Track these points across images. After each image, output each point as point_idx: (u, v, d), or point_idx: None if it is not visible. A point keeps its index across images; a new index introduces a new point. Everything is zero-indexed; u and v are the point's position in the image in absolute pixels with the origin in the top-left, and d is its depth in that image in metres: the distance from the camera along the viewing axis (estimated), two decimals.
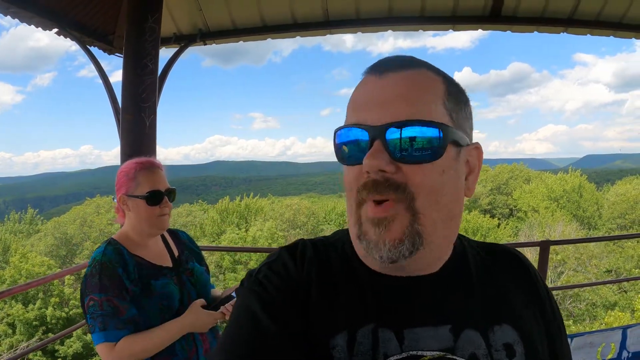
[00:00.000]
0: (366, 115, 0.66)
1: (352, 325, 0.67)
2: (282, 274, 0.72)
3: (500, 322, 0.70)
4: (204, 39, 4.22)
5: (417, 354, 0.65)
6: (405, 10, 3.81)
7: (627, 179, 42.16)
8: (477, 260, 0.78)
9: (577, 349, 3.10)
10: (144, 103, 3.30)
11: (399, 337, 0.66)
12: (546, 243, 3.22)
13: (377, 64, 0.71)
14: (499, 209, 41.42)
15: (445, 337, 0.67)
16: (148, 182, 1.68)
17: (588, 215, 35.31)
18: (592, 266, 24.46)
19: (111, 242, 1.66)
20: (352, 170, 0.68)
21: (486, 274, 0.76)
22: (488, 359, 0.67)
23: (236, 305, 0.71)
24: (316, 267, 0.73)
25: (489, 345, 0.67)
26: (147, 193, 1.66)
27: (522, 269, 0.81)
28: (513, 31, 4.05)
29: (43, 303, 22.75)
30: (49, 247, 30.08)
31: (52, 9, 3.60)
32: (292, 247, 0.77)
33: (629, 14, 3.86)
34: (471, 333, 0.68)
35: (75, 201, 71.51)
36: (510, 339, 0.69)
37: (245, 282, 0.74)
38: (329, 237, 0.82)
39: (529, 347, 0.70)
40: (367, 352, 0.65)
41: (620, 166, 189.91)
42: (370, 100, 0.66)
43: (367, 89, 0.68)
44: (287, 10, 3.91)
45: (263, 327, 0.64)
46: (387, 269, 0.70)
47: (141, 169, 1.70)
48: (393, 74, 0.67)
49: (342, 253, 0.76)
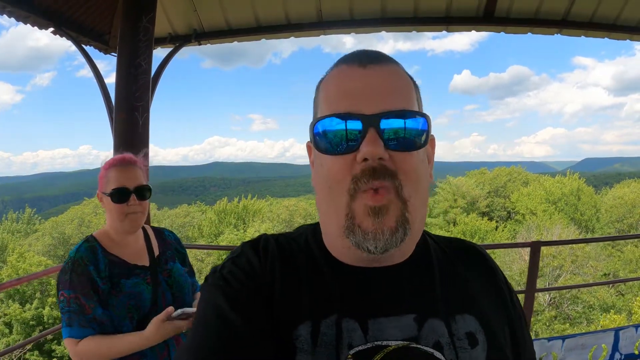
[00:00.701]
0: (357, 104, 0.66)
1: (316, 316, 0.67)
2: (246, 269, 0.71)
3: (462, 312, 0.71)
4: (198, 39, 4.24)
5: (382, 344, 0.65)
6: (398, 11, 3.83)
7: (625, 183, 42.12)
8: (439, 253, 0.79)
9: (568, 350, 3.10)
10: (138, 102, 3.32)
11: (364, 328, 0.67)
12: (537, 244, 3.23)
13: (354, 56, 0.71)
14: (497, 212, 41.40)
15: (410, 326, 0.68)
16: (116, 179, 1.66)
17: (586, 218, 35.29)
18: (590, 267, 24.46)
19: (89, 239, 1.67)
20: (340, 160, 0.67)
21: (448, 266, 0.77)
22: (451, 347, 0.67)
23: (201, 302, 0.70)
24: (279, 261, 0.73)
25: (451, 334, 0.68)
26: (112, 190, 1.65)
27: (483, 263, 0.83)
28: (507, 32, 4.07)
29: (40, 303, 22.69)
30: (47, 247, 30.03)
31: (48, 8, 3.61)
32: (255, 242, 0.77)
33: (623, 16, 3.89)
34: (435, 322, 0.69)
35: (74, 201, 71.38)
36: (472, 327, 0.70)
37: (209, 278, 0.73)
38: (292, 233, 0.82)
39: (490, 335, 0.71)
40: (331, 343, 0.65)
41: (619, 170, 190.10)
42: (359, 89, 0.67)
43: (351, 79, 0.68)
44: (281, 11, 3.92)
45: (230, 322, 0.64)
46: (363, 261, 0.71)
47: (112, 166, 1.69)
48: (376, 67, 0.69)
49: (306, 247, 0.77)
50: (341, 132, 0.66)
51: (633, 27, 4.02)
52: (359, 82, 0.67)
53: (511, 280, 19.46)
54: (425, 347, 0.66)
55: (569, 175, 38.98)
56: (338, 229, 0.68)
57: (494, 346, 0.70)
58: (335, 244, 0.73)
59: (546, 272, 24.33)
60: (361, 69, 0.68)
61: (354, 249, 0.67)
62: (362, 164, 0.65)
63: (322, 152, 0.69)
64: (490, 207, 41.75)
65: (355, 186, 0.65)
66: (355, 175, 0.65)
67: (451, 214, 38.57)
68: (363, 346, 0.65)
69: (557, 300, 23.68)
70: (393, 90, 0.68)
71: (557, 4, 3.82)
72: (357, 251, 0.67)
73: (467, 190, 40.62)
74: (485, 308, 0.74)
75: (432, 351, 0.66)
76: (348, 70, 0.70)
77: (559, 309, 23.54)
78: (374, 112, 0.65)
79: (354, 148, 0.65)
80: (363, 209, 0.65)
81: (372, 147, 0.63)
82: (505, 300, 0.79)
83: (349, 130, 0.65)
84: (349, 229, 0.66)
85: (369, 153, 0.64)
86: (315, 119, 0.70)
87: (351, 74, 0.69)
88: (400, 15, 3.82)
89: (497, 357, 0.70)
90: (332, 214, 0.70)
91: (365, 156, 0.64)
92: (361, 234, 0.66)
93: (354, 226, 0.66)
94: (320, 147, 0.69)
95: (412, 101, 0.69)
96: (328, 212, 0.71)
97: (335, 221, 0.69)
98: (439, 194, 39.87)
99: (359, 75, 0.68)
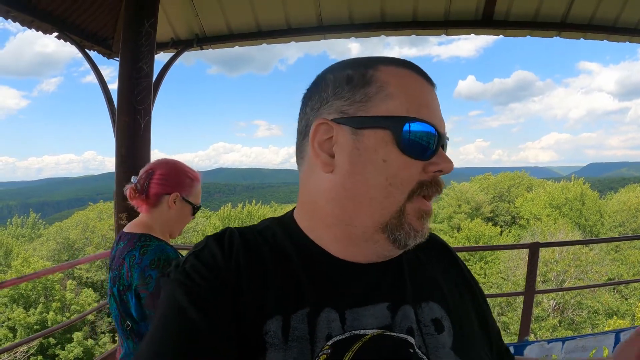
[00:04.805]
0: (434, 119, 0.71)
1: (285, 310, 0.66)
2: (210, 263, 0.69)
3: (427, 299, 0.74)
4: (200, 43, 4.28)
5: (360, 333, 0.67)
6: (398, 15, 3.85)
7: (630, 187, 41.84)
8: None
9: (568, 352, 3.09)
10: (139, 105, 3.36)
11: (342, 318, 0.67)
12: (535, 245, 3.23)
13: (417, 69, 0.75)
14: (501, 217, 41.22)
15: (384, 314, 0.70)
16: (198, 195, 1.77)
17: (590, 223, 35.08)
18: (594, 273, 24.28)
19: (161, 240, 1.64)
20: (415, 164, 0.70)
21: (413, 257, 0.80)
22: (419, 333, 0.70)
23: (162, 298, 0.68)
24: (245, 254, 0.71)
25: (418, 321, 0.71)
26: (198, 205, 1.75)
27: (447, 253, 0.88)
28: (505, 35, 4.08)
29: (44, 307, 22.77)
30: (51, 252, 30.12)
31: (52, 13, 3.67)
32: (220, 235, 0.75)
33: (622, 18, 3.90)
34: (406, 309, 0.71)
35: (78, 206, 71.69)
36: (438, 314, 0.73)
37: (171, 273, 0.71)
38: (257, 226, 0.80)
39: (456, 322, 0.74)
40: (303, 337, 0.65)
41: (624, 174, 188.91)
42: (432, 106, 0.72)
43: (425, 93, 0.73)
44: (282, 16, 3.96)
45: (191, 320, 0.62)
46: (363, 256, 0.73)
47: (198, 181, 1.76)
48: (434, 89, 0.75)
49: (272, 241, 0.76)
50: (424, 140, 0.69)
51: (632, 29, 4.03)
52: (432, 100, 0.73)
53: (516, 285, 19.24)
54: (399, 334, 0.68)
55: (573, 180, 38.79)
56: (377, 223, 0.70)
57: (459, 332, 0.73)
58: (359, 237, 0.72)
59: (550, 278, 24.19)
60: (431, 88, 0.74)
61: (386, 243, 0.70)
62: (435, 174, 0.71)
63: (402, 151, 0.69)
64: (494, 212, 41.56)
65: (419, 190, 0.70)
66: (423, 182, 0.70)
67: (455, 219, 38.41)
68: (341, 336, 0.66)
69: (561, 306, 23.51)
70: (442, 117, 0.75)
71: (556, 6, 3.84)
72: (387, 245, 0.71)
73: (471, 195, 40.49)
74: (450, 296, 0.78)
75: (406, 337, 0.68)
76: (423, 82, 0.74)
77: (563, 314, 23.36)
78: (443, 132, 0.72)
79: (427, 158, 0.70)
80: (417, 211, 0.70)
81: (450, 164, 0.71)
82: (471, 288, 0.84)
83: (430, 142, 0.70)
84: (396, 225, 0.69)
85: (448, 169, 0.71)
86: (407, 116, 0.69)
87: (427, 88, 0.73)
88: (399, 19, 3.84)
89: (463, 342, 0.72)
90: (373, 207, 0.70)
91: (443, 170, 0.71)
92: (411, 231, 0.70)
93: (404, 224, 0.69)
94: (404, 146, 0.69)
95: None
96: (372, 205, 0.70)
97: (377, 216, 0.70)
98: (443, 200, 39.69)
99: (431, 92, 0.74)
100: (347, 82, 0.73)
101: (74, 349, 21.76)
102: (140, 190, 1.67)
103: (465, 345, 0.72)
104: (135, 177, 1.72)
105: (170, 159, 1.77)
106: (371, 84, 0.72)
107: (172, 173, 1.70)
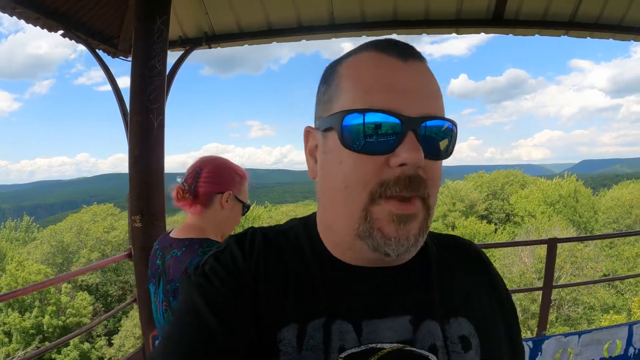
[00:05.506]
0: (397, 102, 0.60)
1: (302, 318, 0.64)
2: (229, 266, 0.68)
3: (456, 314, 0.69)
4: (209, 42, 4.24)
5: (377, 347, 0.63)
6: (410, 13, 3.86)
7: (623, 184, 42.23)
8: (436, 254, 0.76)
9: (584, 345, 3.13)
10: (152, 104, 3.32)
11: (357, 330, 0.63)
12: (553, 240, 3.26)
13: (390, 45, 0.65)
14: (496, 214, 41.49)
15: (405, 328, 0.65)
16: (247, 193, 1.71)
17: (584, 220, 35.41)
18: (589, 269, 24.51)
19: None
20: (369, 161, 0.61)
21: (445, 266, 0.74)
22: (444, 350, 0.64)
23: (181, 300, 0.67)
24: (265, 257, 0.69)
25: (445, 337, 0.66)
26: (248, 203, 1.70)
27: (480, 262, 0.80)
28: (515, 34, 4.10)
29: (40, 311, 22.54)
30: (45, 255, 29.80)
31: (58, 10, 3.62)
32: (241, 236, 0.73)
33: (628, 17, 3.94)
34: (431, 324, 0.66)
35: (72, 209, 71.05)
36: (466, 331, 0.68)
37: (191, 273, 0.70)
38: (282, 226, 0.77)
39: (485, 339, 0.68)
40: (318, 347, 0.62)
41: (617, 171, 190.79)
42: (400, 86, 0.61)
43: (390, 71, 0.62)
44: (293, 14, 3.94)
45: (206, 323, 0.61)
46: (368, 261, 0.68)
47: (246, 179, 1.70)
48: (416, 63, 0.64)
49: (295, 241, 0.73)
50: (377, 130, 0.60)
51: (637, 27, 4.07)
52: (399, 77, 0.62)
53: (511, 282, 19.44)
54: (420, 350, 0.64)
55: (566, 177, 39.13)
56: (350, 230, 0.64)
57: (487, 351, 0.68)
58: (343, 243, 0.68)
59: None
60: (402, 62, 0.63)
61: (368, 250, 0.64)
62: (397, 170, 0.60)
63: (347, 147, 0.62)
64: (488, 210, 41.84)
65: (382, 192, 0.61)
66: (384, 181, 0.61)
67: (450, 217, 38.63)
68: (356, 349, 0.62)
69: (557, 302, 23.71)
70: (432, 92, 0.64)
71: (564, 5, 3.86)
72: (370, 253, 0.64)
73: (465, 193, 40.72)
74: (480, 312, 0.71)
75: (427, 354, 0.63)
76: (387, 60, 0.63)
77: (559, 311, 23.56)
78: (414, 114, 0.60)
79: (388, 150, 0.60)
80: (387, 215, 0.61)
81: (414, 154, 0.59)
82: (502, 302, 0.77)
83: (386, 131, 0.60)
84: (365, 233, 0.63)
85: (411, 159, 0.59)
86: (345, 110, 0.62)
87: (390, 65, 0.63)
88: (411, 18, 3.85)
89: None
90: (343, 214, 0.65)
91: (405, 162, 0.59)
92: (382, 238, 0.62)
93: (372, 230, 0.62)
94: (347, 143, 0.62)
95: (443, 105, 0.66)
96: (338, 211, 0.66)
97: (347, 222, 0.65)
98: (438, 198, 39.74)
99: (399, 68, 0.62)
100: (322, 84, 0.70)
101: (70, 352, 21.58)
102: (189, 190, 1.59)
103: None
104: (181, 177, 1.63)
105: (216, 156, 1.70)
106: (332, 82, 0.67)
107: (221, 171, 1.63)
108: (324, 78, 0.70)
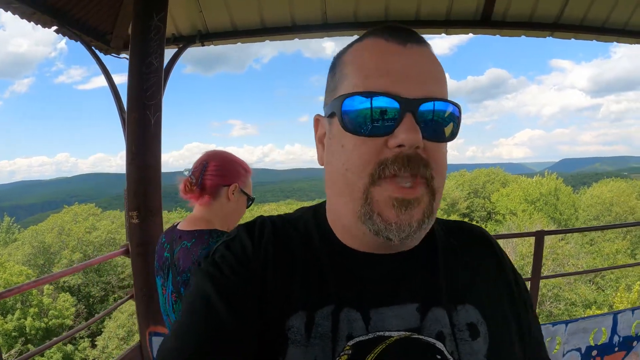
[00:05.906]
0: (396, 84, 0.62)
1: (310, 306, 0.65)
2: (239, 254, 0.69)
3: (464, 302, 0.69)
4: (202, 40, 4.25)
5: (384, 335, 0.63)
6: (401, 14, 3.93)
7: (603, 182, 43.21)
8: (444, 240, 0.76)
9: (571, 334, 3.25)
10: (149, 101, 3.33)
11: (365, 317, 0.64)
12: (541, 233, 3.38)
13: (391, 31, 0.67)
14: (477, 212, 42.12)
15: (412, 316, 0.65)
16: (251, 186, 1.74)
17: (565, 217, 36.21)
18: (570, 266, 25.06)
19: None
20: (367, 142, 0.62)
21: (452, 253, 0.74)
22: (452, 338, 0.65)
23: (191, 287, 0.68)
24: (274, 245, 0.70)
25: (452, 325, 0.66)
26: (253, 197, 1.73)
27: (489, 247, 0.80)
28: (502, 35, 4.22)
29: (22, 313, 22.10)
30: (27, 256, 29.16)
31: (53, 6, 3.60)
32: (251, 225, 0.75)
33: (611, 19, 4.09)
34: (438, 311, 0.66)
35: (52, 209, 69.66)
36: (474, 318, 0.68)
37: (202, 262, 0.71)
38: (291, 215, 0.79)
39: (493, 327, 0.68)
40: (326, 334, 0.63)
41: (597, 169, 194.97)
42: (399, 69, 0.63)
43: (390, 55, 0.64)
44: (287, 13, 3.97)
45: (216, 311, 0.62)
46: (374, 247, 0.68)
47: (250, 172, 1.74)
48: (416, 46, 0.65)
49: (303, 229, 0.74)
50: (375, 112, 0.61)
51: (620, 29, 4.22)
52: (398, 61, 0.63)
53: None
54: (427, 338, 0.64)
55: (547, 175, 39.90)
56: (352, 214, 0.65)
57: (495, 338, 0.67)
58: (348, 228, 0.69)
59: (527, 271, 24.74)
60: (401, 47, 0.64)
61: (371, 235, 0.64)
62: (396, 150, 0.61)
63: (348, 131, 0.64)
64: (470, 208, 42.44)
65: (381, 172, 0.62)
66: (383, 161, 0.62)
67: None
68: (364, 337, 0.63)
69: (539, 299, 24.15)
70: (432, 75, 0.65)
71: (550, 7, 3.99)
72: (373, 237, 0.65)
73: (447, 192, 41.18)
74: (488, 299, 0.71)
75: (434, 342, 0.64)
76: (386, 45, 0.65)
77: (541, 307, 24.02)
78: (413, 96, 0.61)
79: (387, 132, 0.61)
80: (386, 199, 0.62)
81: (411, 134, 0.60)
82: (511, 288, 0.76)
83: (385, 112, 0.61)
84: (366, 216, 0.63)
85: (408, 140, 0.60)
86: (344, 94, 0.64)
87: (390, 50, 0.64)
88: (402, 18, 3.93)
89: (499, 349, 0.67)
90: (345, 198, 0.66)
91: (402, 142, 0.60)
92: (382, 223, 0.62)
93: (372, 213, 0.63)
94: (347, 126, 0.64)
95: (446, 88, 0.67)
96: (341, 195, 0.67)
97: (349, 206, 0.66)
98: None
99: (398, 53, 0.64)
100: (330, 72, 0.73)
101: (54, 355, 21.21)
102: (196, 183, 1.63)
103: (501, 353, 0.67)
104: (187, 170, 1.68)
105: (222, 150, 1.75)
106: (337, 71, 0.70)
107: (228, 164, 1.68)
108: (332, 67, 0.72)
